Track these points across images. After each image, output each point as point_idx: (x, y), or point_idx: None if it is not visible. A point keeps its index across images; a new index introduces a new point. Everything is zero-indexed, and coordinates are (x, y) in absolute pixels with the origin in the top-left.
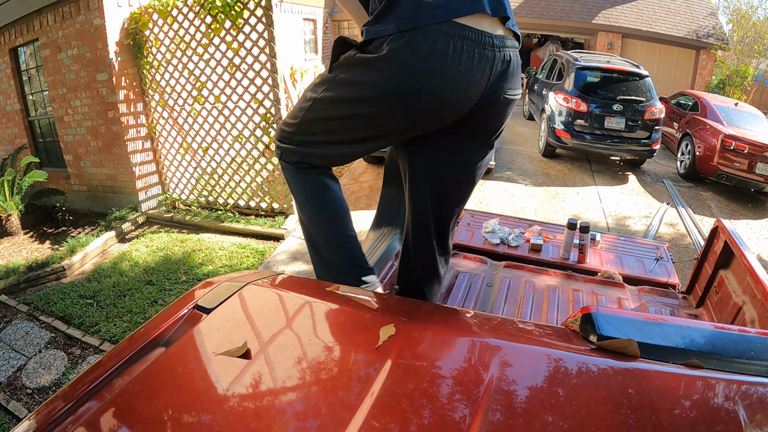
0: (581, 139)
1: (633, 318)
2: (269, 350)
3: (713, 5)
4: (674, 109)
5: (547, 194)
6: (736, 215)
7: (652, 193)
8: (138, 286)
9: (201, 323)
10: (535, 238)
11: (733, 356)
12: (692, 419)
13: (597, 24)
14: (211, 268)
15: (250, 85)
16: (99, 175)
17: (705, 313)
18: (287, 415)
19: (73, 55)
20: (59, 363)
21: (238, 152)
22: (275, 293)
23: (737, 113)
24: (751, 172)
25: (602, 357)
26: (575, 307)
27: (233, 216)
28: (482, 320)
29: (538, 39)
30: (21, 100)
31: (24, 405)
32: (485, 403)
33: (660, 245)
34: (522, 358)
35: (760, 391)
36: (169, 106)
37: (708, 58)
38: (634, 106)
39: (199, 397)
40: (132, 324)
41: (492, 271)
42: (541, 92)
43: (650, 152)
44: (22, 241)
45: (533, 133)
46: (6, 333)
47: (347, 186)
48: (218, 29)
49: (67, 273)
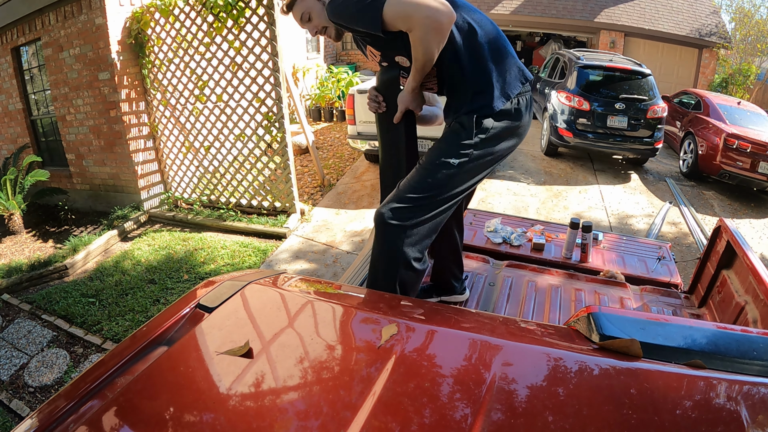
0: (584, 137)
1: (635, 318)
2: (271, 349)
3: (716, 4)
4: (677, 107)
5: (549, 193)
6: (738, 214)
7: (654, 192)
8: (140, 285)
9: (203, 322)
10: (537, 238)
11: (735, 356)
12: (695, 419)
13: (599, 22)
14: (213, 266)
15: (252, 84)
16: (101, 174)
17: (707, 313)
18: (289, 413)
19: (75, 54)
20: (61, 362)
21: (240, 151)
22: (277, 292)
23: (740, 112)
24: (754, 171)
25: (605, 357)
26: (578, 306)
27: (235, 215)
28: (484, 320)
29: (541, 38)
30: (23, 100)
31: (26, 403)
32: (487, 403)
33: (662, 245)
34: (524, 358)
35: (763, 391)
36: (171, 105)
37: (711, 57)
38: (637, 104)
39: (201, 396)
40: (134, 323)
41: (494, 271)
42: (544, 91)
43: (653, 151)
44: (24, 240)
45: (535, 132)
46: (8, 332)
47: (349, 185)
48: (220, 28)
49: (69, 272)
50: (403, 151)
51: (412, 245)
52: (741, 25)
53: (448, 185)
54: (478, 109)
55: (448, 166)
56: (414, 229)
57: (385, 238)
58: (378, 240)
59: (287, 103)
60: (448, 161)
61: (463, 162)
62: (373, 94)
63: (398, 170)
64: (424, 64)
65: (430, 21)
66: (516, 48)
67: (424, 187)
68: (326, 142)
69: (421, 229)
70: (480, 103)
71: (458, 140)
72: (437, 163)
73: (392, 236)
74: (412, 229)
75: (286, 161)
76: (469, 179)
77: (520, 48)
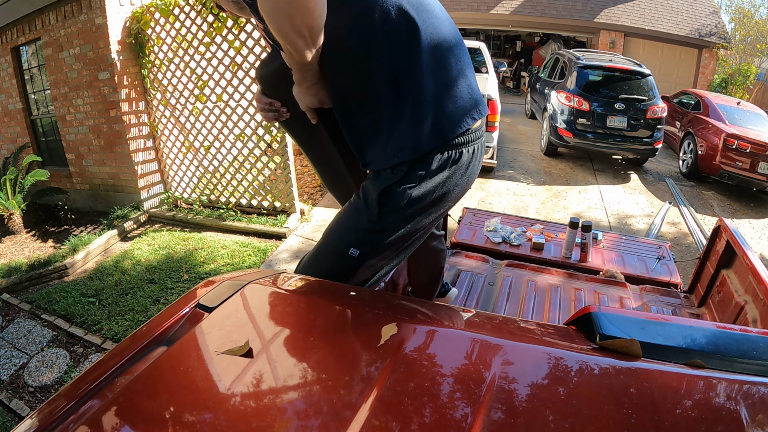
0: (583, 137)
1: (635, 317)
2: (271, 349)
3: (716, 4)
4: (676, 108)
5: (549, 193)
6: (738, 214)
7: (654, 192)
8: (140, 285)
9: (203, 322)
10: (537, 237)
11: (735, 356)
12: (694, 419)
13: (599, 23)
14: (213, 266)
15: (252, 84)
16: (101, 174)
17: (707, 312)
18: (289, 413)
19: (75, 54)
20: (61, 361)
21: (240, 151)
22: (277, 292)
23: (740, 112)
24: (754, 171)
25: (604, 356)
26: (577, 306)
27: (235, 215)
28: (484, 319)
29: (540, 38)
30: (23, 99)
31: (26, 403)
32: (487, 403)
33: (662, 244)
34: (524, 358)
35: (763, 391)
36: (171, 105)
37: (710, 57)
38: (637, 104)
39: (201, 396)
40: (134, 322)
41: (494, 270)
42: (543, 91)
43: (652, 151)
44: (24, 240)
45: (535, 132)
46: (8, 331)
47: None
48: (220, 28)
49: (69, 271)
50: (338, 159)
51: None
52: (741, 25)
53: (359, 274)
54: (394, 168)
55: (346, 258)
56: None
57: None
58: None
59: None
60: (346, 251)
61: (366, 252)
62: (264, 100)
63: (342, 185)
64: (289, 54)
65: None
66: (516, 48)
67: (334, 276)
68: None
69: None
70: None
71: (358, 218)
72: (333, 251)
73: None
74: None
75: (286, 161)
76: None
77: (520, 48)
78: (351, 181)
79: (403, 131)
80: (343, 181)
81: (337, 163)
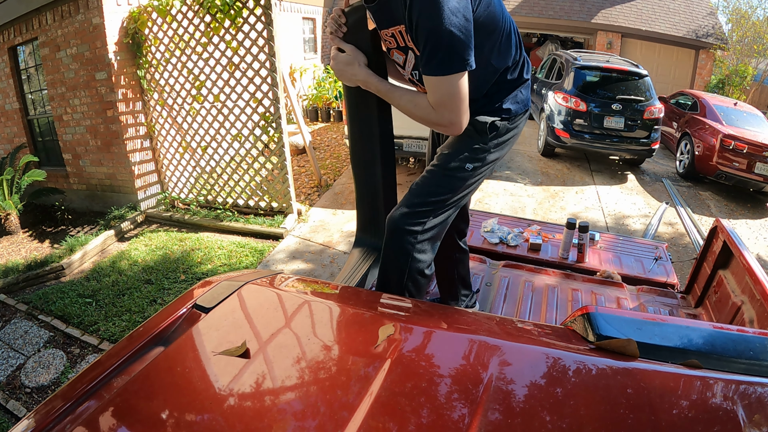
0: (580, 138)
1: (632, 318)
2: (268, 349)
3: (713, 5)
4: (673, 108)
5: (546, 193)
6: (735, 215)
7: (651, 193)
8: (137, 285)
9: (200, 322)
10: (534, 238)
11: (731, 356)
12: (691, 419)
13: (596, 23)
14: (210, 267)
15: (249, 84)
16: (98, 174)
17: (704, 312)
18: (286, 414)
19: (72, 54)
20: (58, 362)
21: (237, 151)
22: (274, 292)
23: (736, 113)
24: (750, 172)
25: (601, 357)
26: (574, 306)
27: (232, 215)
28: (481, 320)
29: (538, 38)
30: (20, 99)
31: (23, 404)
32: (484, 403)
33: (659, 245)
34: (521, 358)
35: (759, 391)
36: (168, 105)
37: (707, 58)
38: (634, 105)
39: (198, 396)
40: (131, 323)
41: (491, 271)
42: (541, 91)
43: (649, 152)
44: (21, 240)
45: (532, 133)
46: (5, 332)
47: (346, 185)
48: (217, 28)
49: (66, 272)
50: (376, 139)
51: (423, 251)
52: (738, 26)
53: (460, 189)
54: (491, 112)
55: (462, 171)
56: (426, 234)
57: (396, 244)
58: (389, 245)
59: (284, 104)
60: (463, 166)
61: (477, 166)
62: (340, 19)
63: (370, 167)
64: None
65: (441, 119)
66: None
67: (437, 192)
68: (323, 143)
69: (432, 232)
70: (493, 105)
71: (472, 144)
72: (450, 167)
73: (404, 242)
74: (424, 233)
75: (283, 161)
76: (479, 181)
77: None
78: (379, 166)
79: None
80: (371, 162)
81: (373, 140)
